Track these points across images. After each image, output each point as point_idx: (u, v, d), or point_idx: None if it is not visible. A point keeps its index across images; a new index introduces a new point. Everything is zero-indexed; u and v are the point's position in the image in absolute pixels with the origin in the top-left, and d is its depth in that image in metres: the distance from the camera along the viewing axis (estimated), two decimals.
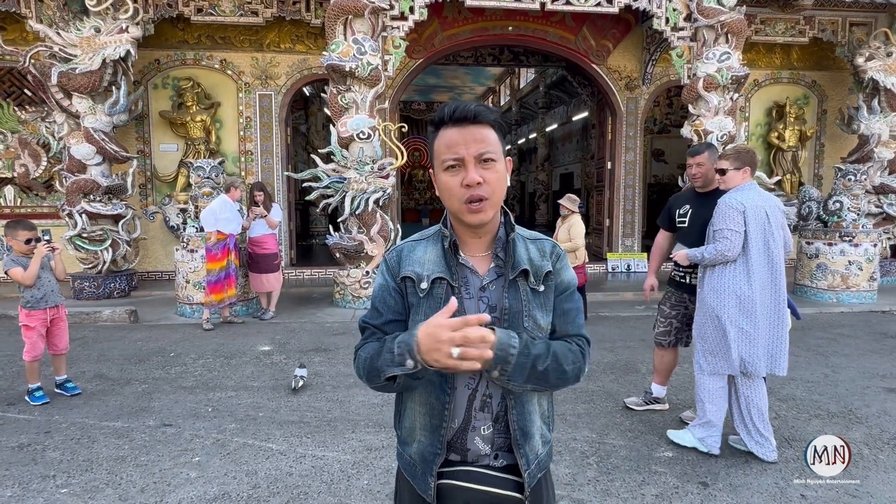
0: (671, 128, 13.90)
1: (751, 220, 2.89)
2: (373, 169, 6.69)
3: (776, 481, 2.78)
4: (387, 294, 1.20)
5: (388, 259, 1.23)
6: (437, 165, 1.15)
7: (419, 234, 1.26)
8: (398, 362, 1.03)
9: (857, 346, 5.35)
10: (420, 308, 1.15)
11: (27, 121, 8.38)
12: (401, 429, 1.25)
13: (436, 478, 1.16)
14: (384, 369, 1.06)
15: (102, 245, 7.35)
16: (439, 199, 1.18)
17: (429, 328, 0.98)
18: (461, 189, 1.09)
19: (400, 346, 1.03)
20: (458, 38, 9.25)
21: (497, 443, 1.18)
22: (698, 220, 3.27)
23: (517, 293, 1.15)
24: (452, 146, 1.09)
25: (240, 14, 7.68)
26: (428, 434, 1.18)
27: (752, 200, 2.93)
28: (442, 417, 1.15)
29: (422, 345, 0.98)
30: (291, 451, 3.13)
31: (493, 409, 1.16)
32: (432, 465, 1.17)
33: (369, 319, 1.21)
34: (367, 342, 1.18)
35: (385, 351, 1.07)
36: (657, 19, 7.36)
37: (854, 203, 7.53)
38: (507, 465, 1.19)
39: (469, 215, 1.11)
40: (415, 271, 1.17)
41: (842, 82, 9.91)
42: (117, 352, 5.12)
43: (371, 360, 1.10)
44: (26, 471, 2.90)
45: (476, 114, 1.10)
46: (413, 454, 1.21)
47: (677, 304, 3.51)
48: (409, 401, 1.21)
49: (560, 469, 2.90)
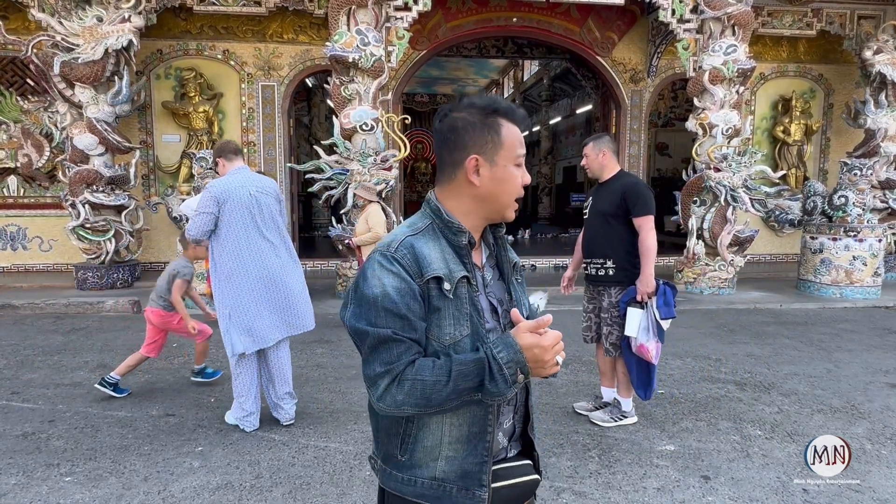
0: (676, 121, 13.81)
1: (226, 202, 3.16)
2: (375, 161, 6.67)
3: (778, 475, 2.78)
4: (410, 299, 1.02)
5: (399, 257, 1.04)
6: (504, 156, 1.09)
7: (408, 226, 1.12)
8: (512, 381, 0.98)
9: (860, 341, 5.34)
10: (447, 311, 1.05)
11: (30, 111, 8.36)
12: (412, 451, 1.10)
13: (489, 487, 1.09)
14: (503, 391, 0.98)
15: (105, 236, 7.36)
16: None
17: (529, 343, 0.98)
18: (520, 187, 1.13)
19: (511, 367, 0.98)
20: (461, 29, 9.18)
21: (515, 432, 1.19)
22: (594, 209, 3.34)
23: (514, 286, 1.20)
24: (521, 145, 1.12)
25: (242, 4, 7.63)
26: (464, 445, 1.08)
27: (227, 184, 3.19)
28: (486, 423, 1.09)
29: (529, 360, 0.99)
30: (294, 441, 3.14)
31: (517, 400, 1.18)
32: (480, 474, 1.08)
33: (400, 332, 1.01)
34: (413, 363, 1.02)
35: (496, 374, 0.98)
36: (663, 11, 7.28)
37: (859, 198, 7.48)
38: (517, 452, 1.20)
39: (512, 212, 1.14)
40: (441, 270, 1.05)
41: (849, 76, 9.82)
42: (120, 342, 5.14)
43: (454, 381, 0.99)
44: (30, 459, 2.92)
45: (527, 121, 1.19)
46: (440, 473, 1.08)
47: (592, 298, 3.43)
48: (434, 417, 1.07)
49: (562, 462, 2.91)
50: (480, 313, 1.09)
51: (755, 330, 5.76)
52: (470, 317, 1.07)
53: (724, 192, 7.23)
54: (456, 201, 1.12)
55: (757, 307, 6.87)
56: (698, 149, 7.50)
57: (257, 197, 3.19)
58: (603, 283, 3.30)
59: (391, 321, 1.01)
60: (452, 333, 1.05)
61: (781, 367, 4.50)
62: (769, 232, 9.79)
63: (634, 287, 3.15)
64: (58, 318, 6.16)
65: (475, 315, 1.08)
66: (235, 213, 3.16)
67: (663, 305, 3.08)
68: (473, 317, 1.08)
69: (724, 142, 7.18)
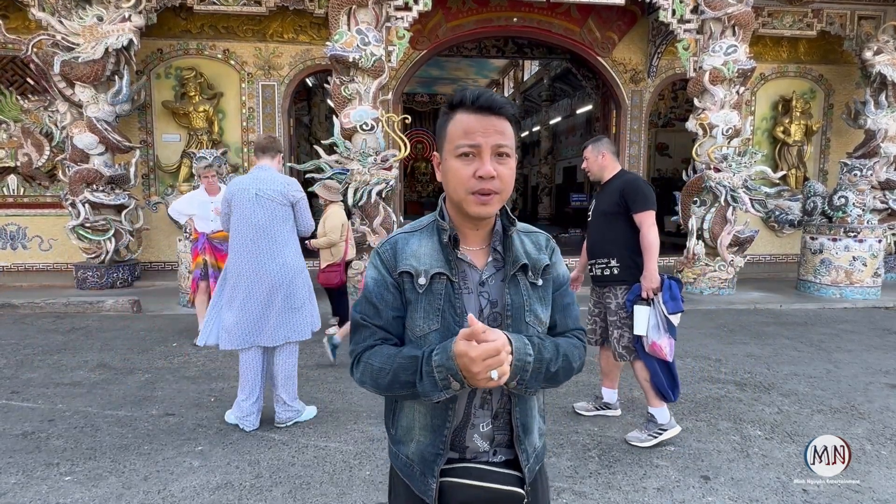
0: (676, 121, 13.81)
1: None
2: (376, 160, 6.67)
3: (778, 476, 2.78)
4: (384, 289, 1.12)
5: (381, 252, 1.14)
6: (446, 149, 1.09)
7: (411, 225, 1.18)
8: (443, 386, 1.00)
9: (860, 341, 5.34)
10: (419, 304, 1.10)
11: (30, 110, 8.35)
12: (396, 428, 1.20)
13: (438, 478, 1.12)
14: (429, 393, 1.02)
15: (105, 235, 7.36)
16: (440, 192, 1.16)
17: (458, 351, 0.96)
18: (472, 179, 1.05)
19: (441, 371, 0.99)
20: (462, 29, 9.17)
21: (497, 439, 1.16)
22: (596, 211, 3.32)
23: (518, 288, 1.14)
24: (470, 133, 1.05)
25: (243, 4, 7.63)
26: (429, 433, 1.14)
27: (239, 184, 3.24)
28: (445, 417, 1.12)
29: (461, 369, 0.97)
30: (294, 441, 3.14)
31: (493, 406, 1.15)
32: (434, 465, 1.12)
33: (369, 318, 1.13)
34: (372, 347, 1.11)
35: (424, 375, 1.01)
36: (663, 11, 7.28)
37: (859, 198, 7.48)
38: (505, 460, 1.17)
39: (475, 206, 1.07)
40: (412, 265, 1.10)
41: (849, 76, 9.82)
42: (120, 341, 5.14)
43: (394, 372, 1.05)
44: (30, 458, 2.91)
45: (500, 105, 1.06)
46: (411, 454, 1.16)
47: (598, 302, 3.38)
48: (405, 401, 1.16)
49: (562, 462, 2.91)
50: (458, 312, 1.09)
51: (755, 330, 5.76)
52: (442, 312, 1.09)
53: (724, 193, 7.23)
54: (447, 199, 1.16)
55: (757, 307, 6.87)
56: (698, 149, 7.50)
57: (259, 198, 3.18)
58: (608, 283, 3.25)
59: (366, 308, 1.14)
60: (422, 326, 1.10)
61: (781, 368, 4.50)
62: (769, 232, 9.79)
63: (639, 284, 3.11)
64: (57, 317, 6.16)
65: (449, 312, 1.09)
66: (236, 213, 3.20)
67: (670, 300, 3.03)
68: (447, 313, 1.09)
69: (724, 142, 7.18)
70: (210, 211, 5.08)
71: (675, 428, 3.12)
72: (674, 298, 3.04)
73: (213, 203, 5.07)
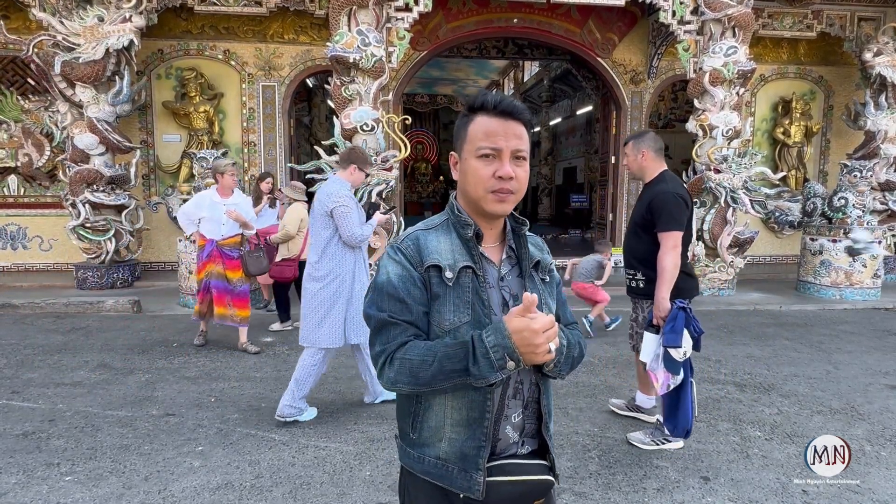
0: (676, 122, 13.81)
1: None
2: (376, 161, 6.67)
3: (777, 476, 2.79)
4: (410, 285, 1.11)
5: (403, 248, 1.14)
6: (466, 150, 1.14)
7: (423, 223, 1.21)
8: (500, 367, 1.00)
9: (859, 342, 5.34)
10: (447, 298, 1.11)
11: (30, 110, 8.35)
12: (419, 431, 1.16)
13: (485, 472, 1.10)
14: (486, 375, 1.01)
15: (106, 235, 7.36)
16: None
17: (517, 326, 0.98)
18: (491, 178, 1.10)
19: (497, 351, 0.99)
20: (462, 30, 9.18)
21: (526, 428, 1.19)
22: (631, 217, 3.22)
23: (534, 283, 1.21)
24: (492, 135, 1.10)
25: (243, 4, 7.64)
26: (465, 429, 1.12)
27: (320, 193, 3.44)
28: (484, 409, 1.11)
29: (518, 345, 0.99)
30: (294, 441, 3.14)
31: (524, 395, 1.18)
32: (477, 458, 1.11)
33: (397, 314, 1.10)
34: (405, 343, 1.09)
35: (479, 357, 1.00)
36: (663, 12, 7.29)
37: (859, 199, 7.48)
38: (531, 451, 1.20)
39: (493, 204, 1.12)
40: (438, 259, 1.12)
41: (849, 77, 9.83)
42: (121, 342, 5.14)
43: (440, 362, 1.04)
44: (31, 458, 2.92)
45: (520, 111, 1.12)
46: (443, 454, 1.13)
47: (634, 308, 3.31)
48: (436, 398, 1.14)
49: (562, 462, 2.91)
50: (486, 304, 1.12)
51: (755, 331, 5.76)
52: (472, 305, 1.11)
53: (724, 194, 7.24)
54: (461, 197, 1.20)
55: (757, 308, 6.87)
56: (698, 150, 7.50)
57: (314, 209, 3.44)
58: (636, 294, 3.20)
59: (391, 304, 1.10)
60: (452, 319, 1.10)
61: (781, 369, 4.50)
62: (769, 233, 9.79)
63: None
64: (58, 317, 6.16)
65: (478, 304, 1.12)
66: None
67: (669, 332, 2.78)
68: (476, 305, 1.11)
69: (724, 143, 7.19)
70: (222, 213, 4.70)
71: (678, 442, 3.07)
72: (674, 331, 2.77)
73: (225, 205, 4.74)
